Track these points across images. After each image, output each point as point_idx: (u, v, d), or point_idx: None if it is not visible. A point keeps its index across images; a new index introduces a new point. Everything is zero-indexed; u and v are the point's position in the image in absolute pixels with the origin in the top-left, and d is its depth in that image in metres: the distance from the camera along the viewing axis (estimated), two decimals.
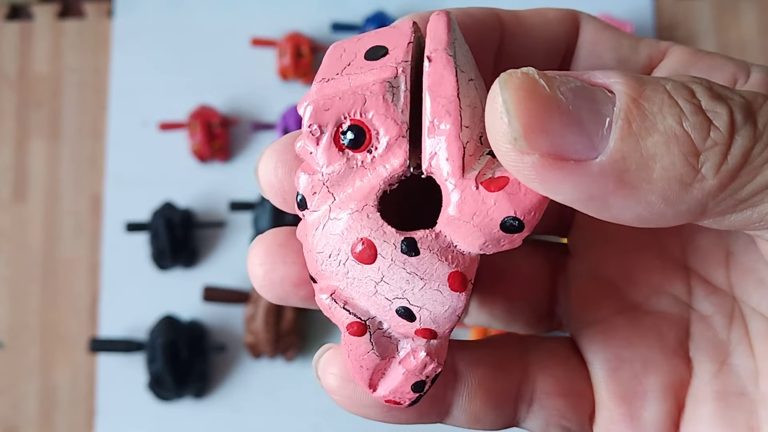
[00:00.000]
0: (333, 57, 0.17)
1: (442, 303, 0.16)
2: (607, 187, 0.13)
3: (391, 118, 0.16)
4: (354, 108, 0.16)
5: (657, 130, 0.13)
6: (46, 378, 0.62)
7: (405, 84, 0.16)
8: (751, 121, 0.13)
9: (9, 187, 0.66)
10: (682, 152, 0.13)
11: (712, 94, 0.13)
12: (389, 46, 0.16)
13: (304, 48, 0.64)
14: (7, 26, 0.69)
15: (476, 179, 0.15)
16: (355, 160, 0.16)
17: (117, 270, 0.63)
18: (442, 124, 0.15)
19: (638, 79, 0.14)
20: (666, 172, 0.13)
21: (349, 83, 0.16)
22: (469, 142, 0.15)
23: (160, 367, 0.56)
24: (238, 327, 0.61)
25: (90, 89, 0.67)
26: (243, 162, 0.65)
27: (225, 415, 0.60)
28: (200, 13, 0.69)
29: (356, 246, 0.16)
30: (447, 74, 0.15)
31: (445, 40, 0.15)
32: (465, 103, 0.15)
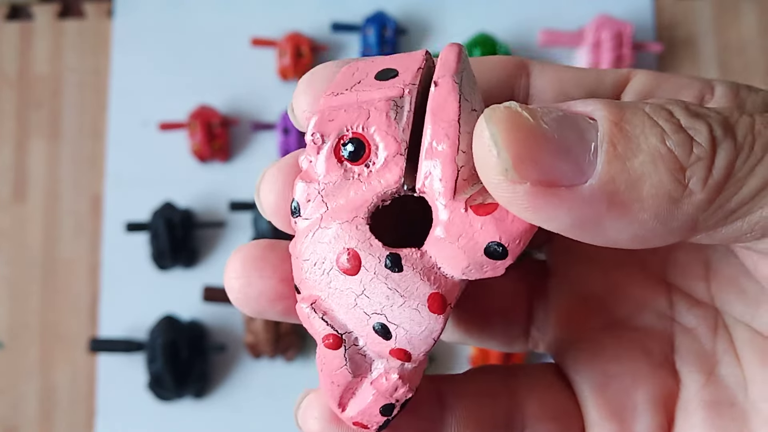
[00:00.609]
0: (346, 74, 0.17)
1: (419, 323, 0.16)
2: (599, 209, 0.14)
3: (392, 135, 0.16)
4: (357, 121, 0.16)
5: (642, 150, 0.13)
6: (46, 378, 0.62)
7: (409, 105, 0.16)
8: (730, 134, 0.14)
9: (9, 187, 0.66)
10: (669, 169, 0.13)
11: (689, 113, 0.14)
12: (400, 70, 0.16)
13: (304, 48, 0.64)
14: (7, 26, 0.69)
15: (466, 202, 0.15)
16: (352, 173, 0.16)
17: (117, 270, 0.63)
18: (440, 146, 0.15)
19: (617, 105, 0.14)
20: (655, 190, 0.13)
21: (356, 98, 0.16)
22: (464, 167, 0.15)
23: (160, 367, 0.56)
24: (238, 327, 0.61)
25: (90, 89, 0.67)
26: (243, 162, 0.65)
27: (225, 415, 0.60)
28: (200, 13, 0.69)
29: (341, 256, 0.16)
30: (450, 100, 0.15)
31: (454, 68, 0.15)
32: (465, 129, 0.15)
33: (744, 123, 0.14)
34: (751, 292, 0.18)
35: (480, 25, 0.65)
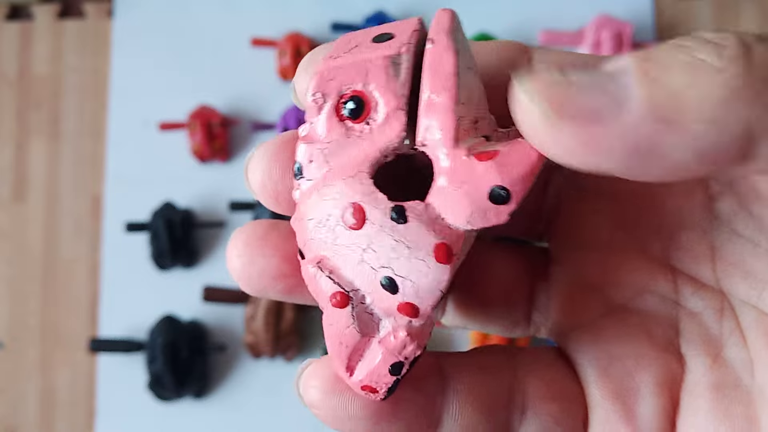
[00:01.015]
0: (343, 41, 0.17)
1: (426, 274, 0.16)
2: (649, 130, 0.13)
3: (391, 90, 0.16)
4: (356, 80, 0.16)
5: (673, 67, 0.13)
6: (46, 378, 0.62)
7: (407, 62, 0.16)
8: (762, 42, 0.13)
9: (9, 187, 0.66)
10: (706, 72, 0.13)
11: (713, 34, 0.14)
12: (396, 33, 0.17)
13: (304, 48, 0.64)
14: (7, 26, 0.69)
15: (468, 149, 0.15)
16: (354, 131, 0.16)
17: (117, 270, 0.63)
18: (439, 98, 0.15)
19: (643, 51, 0.14)
20: (698, 92, 0.13)
21: (354, 59, 0.16)
22: (463, 118, 0.15)
23: (160, 367, 0.56)
24: (238, 327, 0.61)
25: (90, 89, 0.67)
26: (243, 162, 0.65)
27: (225, 415, 0.60)
28: (200, 14, 0.69)
29: (346, 211, 0.16)
30: (447, 54, 0.15)
31: (448, 26, 0.16)
32: (463, 82, 0.15)
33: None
34: (757, 273, 0.18)
35: (480, 25, 0.65)
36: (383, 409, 0.18)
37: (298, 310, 0.59)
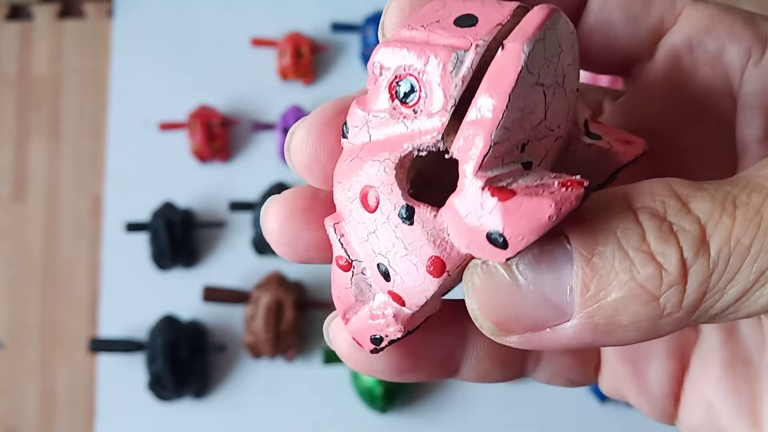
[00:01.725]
0: (431, 8, 0.17)
1: (415, 279, 0.16)
2: (587, 338, 0.15)
3: (444, 88, 0.15)
4: (417, 63, 0.16)
5: (613, 288, 0.14)
6: (46, 378, 0.62)
7: (471, 62, 0.15)
8: (703, 251, 0.14)
9: (9, 187, 0.66)
10: (642, 302, 0.14)
11: (661, 234, 0.14)
12: (481, 19, 0.16)
13: (304, 48, 0.64)
14: (7, 26, 0.69)
15: (487, 180, 0.14)
16: (400, 113, 0.16)
17: (117, 270, 0.63)
18: (483, 114, 0.15)
19: (590, 233, 0.14)
20: (633, 318, 0.14)
21: (426, 38, 0.16)
22: (500, 144, 0.15)
23: (160, 367, 0.56)
24: (238, 327, 0.61)
25: (90, 89, 0.67)
26: (243, 162, 0.65)
27: (225, 415, 0.60)
28: (200, 14, 0.69)
29: (364, 191, 0.16)
30: (510, 70, 0.14)
31: (530, 34, 0.15)
32: (516, 105, 0.15)
33: (721, 233, 0.14)
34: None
35: None
36: (404, 364, 0.19)
37: (298, 310, 0.59)
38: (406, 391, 0.58)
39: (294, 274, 0.62)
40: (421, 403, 0.60)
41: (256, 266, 0.62)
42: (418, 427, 0.60)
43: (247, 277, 0.62)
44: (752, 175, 0.14)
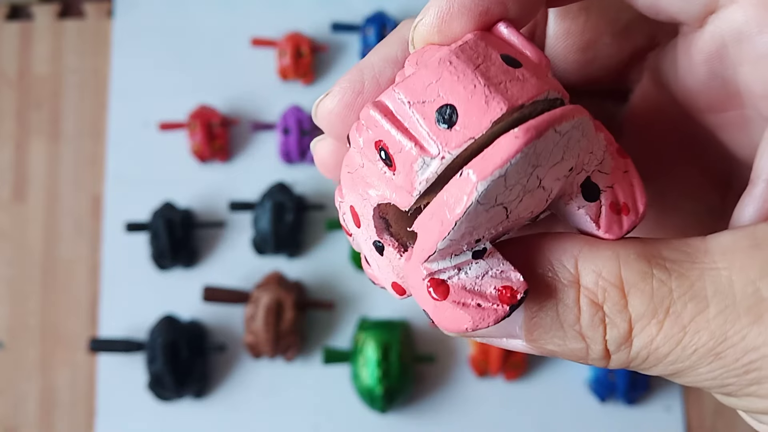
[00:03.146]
0: (425, 78, 0.16)
1: (387, 288, 0.18)
2: (533, 353, 0.18)
3: (411, 180, 0.16)
4: (392, 146, 0.16)
5: (549, 343, 0.17)
6: (46, 378, 0.62)
7: (436, 169, 0.15)
8: (626, 346, 0.16)
9: (9, 187, 0.66)
10: (573, 357, 0.17)
11: (592, 322, 0.16)
12: (460, 121, 0.15)
13: (304, 48, 0.64)
14: (7, 26, 0.69)
15: (429, 273, 0.16)
16: (384, 164, 0.16)
17: (117, 270, 0.63)
18: (434, 224, 0.15)
19: (538, 292, 0.16)
20: (567, 358, 0.17)
21: (406, 122, 0.16)
22: (446, 248, 0.16)
23: (160, 367, 0.56)
24: (238, 327, 0.61)
25: (90, 89, 0.67)
26: (243, 162, 0.65)
27: (225, 415, 0.61)
28: (200, 13, 0.69)
29: (352, 210, 0.18)
30: (460, 202, 0.15)
31: (488, 172, 0.14)
32: (466, 225, 0.15)
33: (643, 338, 0.16)
34: None
35: None
36: None
37: (298, 310, 0.59)
38: (406, 391, 0.58)
39: (294, 274, 0.62)
40: (421, 403, 0.60)
41: (256, 266, 0.62)
42: (418, 427, 0.60)
43: (247, 277, 0.62)
44: (710, 268, 0.15)
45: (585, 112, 0.15)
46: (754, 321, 0.15)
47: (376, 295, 0.62)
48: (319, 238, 0.63)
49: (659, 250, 0.16)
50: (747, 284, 0.15)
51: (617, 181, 0.17)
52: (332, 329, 0.62)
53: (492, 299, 0.16)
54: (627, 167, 0.17)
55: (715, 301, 0.15)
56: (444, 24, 0.16)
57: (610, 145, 0.17)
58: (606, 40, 0.20)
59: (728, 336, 0.15)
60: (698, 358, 0.15)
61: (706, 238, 0.16)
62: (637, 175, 0.17)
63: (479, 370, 0.59)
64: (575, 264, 0.16)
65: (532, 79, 0.15)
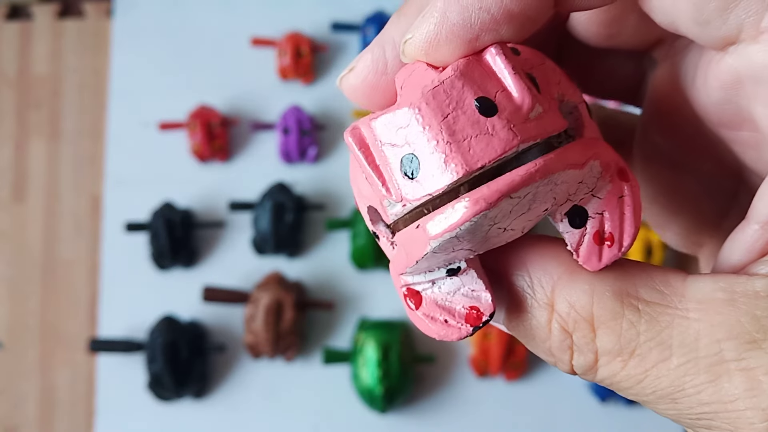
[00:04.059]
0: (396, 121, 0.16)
1: None
2: None
3: (382, 213, 0.17)
4: (365, 170, 0.16)
5: (526, 344, 0.18)
6: (46, 378, 0.62)
7: (399, 212, 0.16)
8: (591, 374, 0.17)
9: (9, 187, 0.66)
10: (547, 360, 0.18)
11: (561, 346, 0.17)
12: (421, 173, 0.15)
13: (304, 48, 0.64)
14: (7, 26, 0.69)
15: (405, 284, 0.17)
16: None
17: (117, 270, 0.63)
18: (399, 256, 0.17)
19: (515, 304, 0.17)
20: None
21: (376, 155, 0.16)
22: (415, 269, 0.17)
23: (160, 367, 0.56)
24: (238, 327, 0.61)
25: (90, 89, 0.67)
26: (243, 162, 0.65)
27: (225, 415, 0.60)
28: (200, 13, 0.69)
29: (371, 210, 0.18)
30: (416, 251, 0.15)
31: (437, 234, 0.15)
32: (426, 262, 0.16)
33: (606, 372, 0.16)
34: None
35: None
36: None
37: (298, 310, 0.59)
38: (406, 391, 0.58)
39: (294, 274, 0.62)
40: (421, 403, 0.60)
41: (256, 266, 0.62)
42: (418, 427, 0.60)
43: (247, 277, 0.62)
44: (681, 316, 0.16)
45: (563, 164, 0.15)
46: (712, 380, 0.15)
47: (376, 295, 0.62)
48: (319, 238, 0.63)
49: (636, 288, 0.16)
50: (712, 343, 0.15)
51: (609, 208, 0.17)
52: (332, 329, 0.62)
53: (458, 317, 0.17)
54: (625, 192, 0.17)
55: (678, 353, 0.16)
56: (431, 48, 0.16)
57: (607, 170, 0.16)
58: (632, 20, 0.19)
59: (685, 387, 0.15)
60: (657, 398, 0.16)
61: (686, 279, 0.16)
62: (633, 202, 0.17)
63: (479, 370, 0.59)
64: (552, 289, 0.17)
65: (502, 132, 0.15)
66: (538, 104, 0.15)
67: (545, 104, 0.16)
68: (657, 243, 0.58)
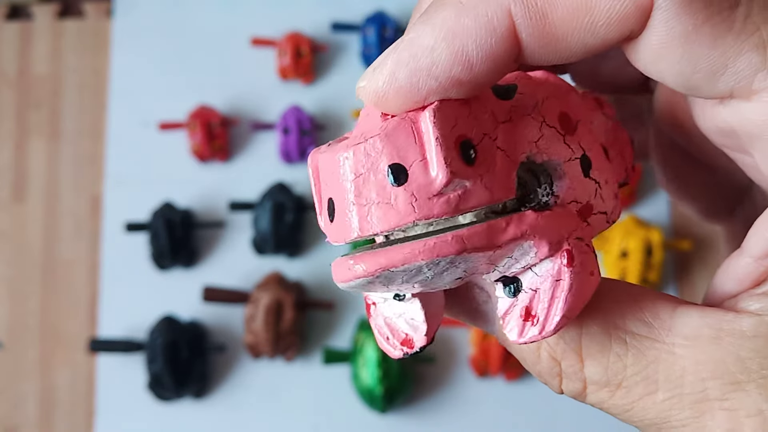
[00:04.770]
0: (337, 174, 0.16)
1: None
2: None
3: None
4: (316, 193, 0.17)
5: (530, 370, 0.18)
6: (46, 378, 0.62)
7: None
8: (581, 398, 0.18)
9: (9, 187, 0.66)
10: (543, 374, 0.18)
11: (551, 372, 0.17)
12: (337, 219, 0.16)
13: (304, 48, 0.64)
14: (7, 26, 0.69)
15: (365, 298, 0.18)
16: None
17: (117, 270, 0.63)
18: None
19: None
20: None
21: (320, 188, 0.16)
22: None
23: (160, 367, 0.56)
24: (238, 327, 0.61)
25: (90, 89, 0.67)
26: (243, 162, 0.65)
27: (225, 415, 0.60)
28: (200, 13, 0.69)
29: None
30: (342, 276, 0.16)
31: (338, 280, 0.16)
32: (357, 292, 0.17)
33: (594, 398, 0.17)
34: None
35: None
36: None
37: (298, 310, 0.59)
38: (406, 391, 0.58)
39: (294, 274, 0.62)
40: (421, 403, 0.60)
41: (256, 266, 0.62)
42: (418, 427, 0.60)
43: (247, 277, 0.62)
44: (667, 351, 0.16)
45: (457, 248, 0.14)
46: (696, 416, 0.16)
47: None
48: (319, 238, 0.63)
49: (624, 320, 0.16)
50: (697, 381, 0.16)
51: (543, 288, 0.16)
52: (332, 329, 0.62)
53: (398, 338, 0.17)
54: (563, 277, 0.15)
55: (664, 387, 0.16)
56: (379, 101, 0.15)
57: (545, 252, 0.15)
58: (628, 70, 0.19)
59: (671, 420, 0.16)
60: (644, 426, 0.17)
61: (676, 311, 0.16)
62: (570, 289, 0.15)
63: (479, 370, 0.59)
64: None
65: (402, 205, 0.15)
66: (460, 179, 0.14)
67: (478, 176, 0.15)
68: (657, 243, 0.58)
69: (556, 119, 0.17)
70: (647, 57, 0.15)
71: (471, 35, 0.15)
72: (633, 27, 0.15)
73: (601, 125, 0.19)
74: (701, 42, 0.14)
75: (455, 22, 0.15)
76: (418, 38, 0.15)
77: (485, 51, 0.15)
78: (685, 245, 0.60)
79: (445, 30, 0.15)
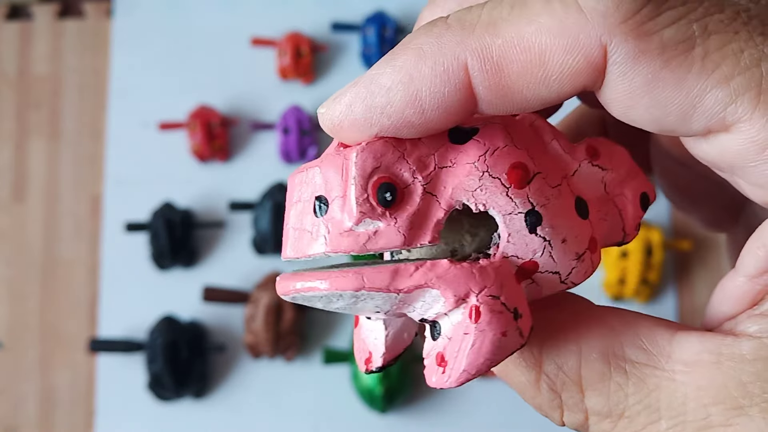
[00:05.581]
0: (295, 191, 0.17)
1: None
2: None
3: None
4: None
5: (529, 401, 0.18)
6: (46, 378, 0.62)
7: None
8: (583, 429, 0.17)
9: (9, 187, 0.66)
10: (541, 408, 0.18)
11: (551, 405, 0.17)
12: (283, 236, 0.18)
13: (304, 48, 0.64)
14: (7, 26, 0.69)
15: None
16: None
17: (117, 270, 0.63)
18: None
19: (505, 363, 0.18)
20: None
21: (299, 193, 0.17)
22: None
23: (160, 367, 0.56)
24: (238, 327, 0.61)
25: (90, 89, 0.67)
26: (243, 162, 0.65)
27: (225, 415, 0.60)
28: (200, 13, 0.69)
29: None
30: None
31: (280, 293, 0.17)
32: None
33: (599, 429, 0.17)
34: None
35: None
36: None
37: (298, 310, 0.59)
38: (406, 391, 0.58)
39: None
40: (421, 403, 0.60)
41: (256, 266, 0.62)
42: (418, 427, 0.60)
43: (247, 277, 0.62)
44: (668, 378, 0.16)
45: (353, 285, 0.15)
46: None
47: None
48: None
49: (622, 348, 0.16)
50: (699, 408, 0.15)
51: (454, 338, 0.16)
52: (332, 329, 0.62)
53: (363, 354, 0.18)
54: (469, 331, 0.15)
55: (667, 415, 0.16)
56: (335, 129, 0.16)
57: (452, 303, 0.15)
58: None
59: None
60: None
61: (674, 337, 0.16)
62: (475, 345, 0.15)
63: None
64: (539, 350, 0.17)
65: (316, 236, 0.16)
66: (372, 219, 0.15)
67: (392, 219, 0.15)
68: (657, 243, 0.58)
69: (503, 170, 0.16)
70: (617, 107, 0.15)
71: (426, 83, 0.15)
72: (586, 81, 0.15)
73: (588, 177, 0.18)
74: (665, 87, 0.15)
75: (414, 67, 0.15)
76: (379, 76, 0.15)
77: (438, 99, 0.15)
78: (685, 245, 0.60)
79: (403, 73, 0.15)
